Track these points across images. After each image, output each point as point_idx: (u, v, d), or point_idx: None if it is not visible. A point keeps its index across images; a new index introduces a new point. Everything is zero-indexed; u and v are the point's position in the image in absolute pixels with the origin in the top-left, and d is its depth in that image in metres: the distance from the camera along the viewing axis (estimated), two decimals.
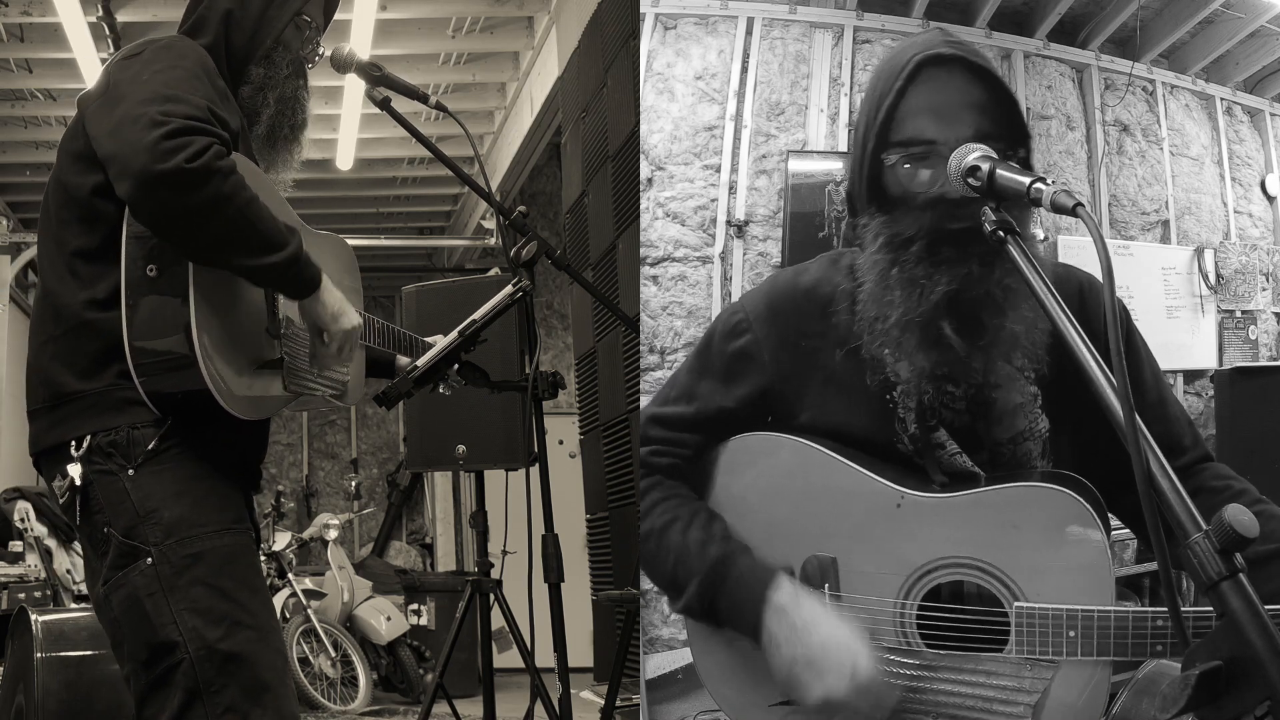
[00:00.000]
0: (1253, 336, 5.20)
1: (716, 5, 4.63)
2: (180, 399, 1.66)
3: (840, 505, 1.69)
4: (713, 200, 4.55)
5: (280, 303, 1.81)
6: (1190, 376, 5.20)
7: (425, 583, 7.62)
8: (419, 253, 9.76)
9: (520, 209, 2.47)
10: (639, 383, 4.35)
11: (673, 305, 4.49)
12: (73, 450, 1.69)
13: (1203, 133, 5.37)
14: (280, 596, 6.37)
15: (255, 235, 1.62)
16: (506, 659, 4.08)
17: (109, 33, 5.47)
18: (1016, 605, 1.58)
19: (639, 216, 4.39)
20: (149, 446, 1.68)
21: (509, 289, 2.36)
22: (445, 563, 9.23)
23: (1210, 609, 1.11)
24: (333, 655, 6.29)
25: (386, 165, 7.88)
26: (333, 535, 6.84)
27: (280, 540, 6.55)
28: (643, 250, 4.42)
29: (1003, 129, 1.65)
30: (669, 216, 4.53)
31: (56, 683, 3.13)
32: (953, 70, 1.64)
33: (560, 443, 7.49)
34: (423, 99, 2.30)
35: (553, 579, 2.54)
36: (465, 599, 3.26)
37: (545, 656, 2.60)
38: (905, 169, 1.64)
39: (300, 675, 6.05)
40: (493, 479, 3.45)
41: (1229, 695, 1.08)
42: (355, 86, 6.10)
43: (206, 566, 1.67)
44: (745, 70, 4.63)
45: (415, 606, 7.36)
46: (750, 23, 4.66)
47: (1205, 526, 1.12)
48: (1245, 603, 1.08)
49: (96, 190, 1.68)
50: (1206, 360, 5.19)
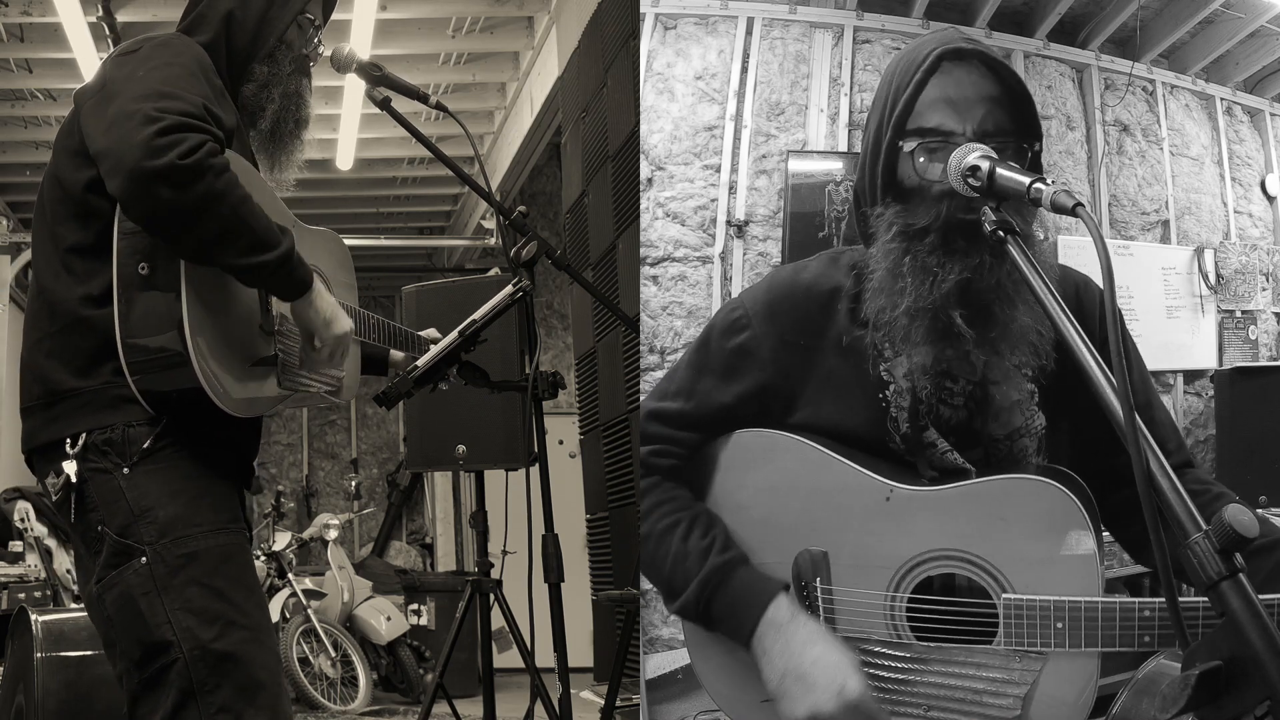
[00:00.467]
0: (1253, 336, 5.20)
1: (716, 5, 4.62)
2: (174, 397, 1.65)
3: (831, 500, 1.71)
4: (713, 200, 4.55)
5: (274, 300, 1.81)
6: (1190, 376, 5.20)
7: (425, 583, 7.62)
8: (419, 253, 9.76)
9: (520, 209, 2.47)
10: (639, 383, 4.35)
11: (673, 305, 4.49)
12: (68, 447, 1.68)
13: (1203, 133, 5.37)
14: (280, 596, 6.37)
15: (247, 234, 1.62)
16: (506, 659, 4.08)
17: (109, 33, 5.47)
18: (1004, 597, 1.59)
19: (639, 216, 4.39)
20: (144, 445, 1.67)
21: (509, 289, 2.36)
22: (445, 563, 9.24)
23: (1204, 599, 1.12)
24: (333, 655, 6.29)
25: (386, 165, 7.88)
26: (333, 535, 6.84)
27: (280, 540, 6.55)
28: (643, 250, 4.42)
29: (1017, 124, 1.67)
30: (669, 216, 4.53)
31: (56, 683, 3.13)
32: (971, 65, 1.66)
33: (560, 443, 7.50)
34: (423, 99, 2.30)
35: (553, 579, 2.54)
36: (465, 599, 3.25)
37: (545, 656, 2.60)
38: (921, 160, 1.65)
39: (300, 675, 6.05)
40: (493, 479, 3.45)
41: (1229, 695, 1.08)
42: (355, 86, 6.10)
43: (201, 566, 1.67)
44: (745, 70, 4.63)
45: (415, 606, 7.36)
46: (750, 23, 4.66)
47: (1205, 526, 1.13)
48: (1245, 603, 1.08)
49: (90, 186, 1.67)
50: (1206, 360, 5.19)
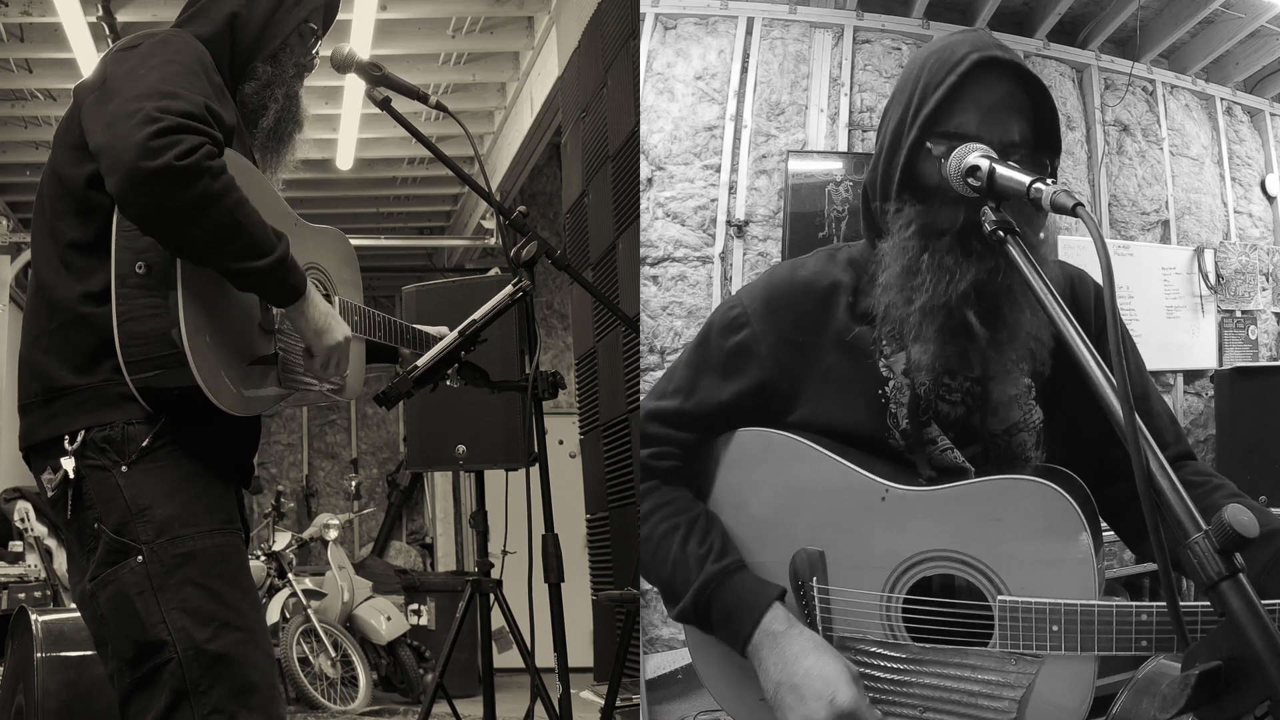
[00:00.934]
0: (1253, 336, 5.20)
1: (716, 5, 4.63)
2: (173, 395, 1.65)
3: (828, 499, 1.71)
4: (713, 200, 4.55)
5: None
6: (1190, 376, 5.20)
7: (425, 583, 7.62)
8: (419, 253, 9.76)
9: (520, 209, 2.47)
10: (639, 383, 4.35)
11: (673, 305, 4.49)
12: (66, 444, 1.68)
13: (1203, 133, 5.37)
14: (280, 596, 6.37)
15: (241, 237, 1.61)
16: (506, 659, 4.08)
17: (109, 33, 5.47)
18: (1000, 599, 1.59)
19: (639, 216, 4.39)
20: (143, 444, 1.67)
21: (509, 289, 2.36)
22: (445, 563, 9.24)
23: (1206, 603, 1.12)
24: (333, 655, 6.29)
25: (386, 165, 7.88)
26: (333, 535, 6.84)
27: (280, 540, 6.55)
28: (643, 250, 4.42)
29: (1040, 137, 1.67)
30: (669, 216, 4.53)
31: (56, 683, 3.13)
32: (1006, 74, 1.66)
33: (560, 443, 7.49)
34: (423, 99, 2.30)
35: (553, 579, 2.54)
36: (465, 599, 3.25)
37: (545, 656, 2.60)
38: (947, 162, 1.64)
39: (300, 675, 6.05)
40: (493, 479, 3.45)
41: (1229, 695, 1.08)
42: (355, 86, 6.10)
43: (197, 566, 1.67)
44: (745, 70, 4.63)
45: (415, 606, 7.36)
46: (750, 23, 4.66)
47: (1205, 526, 1.13)
48: (1245, 603, 1.08)
49: (90, 181, 1.67)
50: (1206, 360, 5.19)
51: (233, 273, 1.65)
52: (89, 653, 3.17)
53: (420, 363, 2.24)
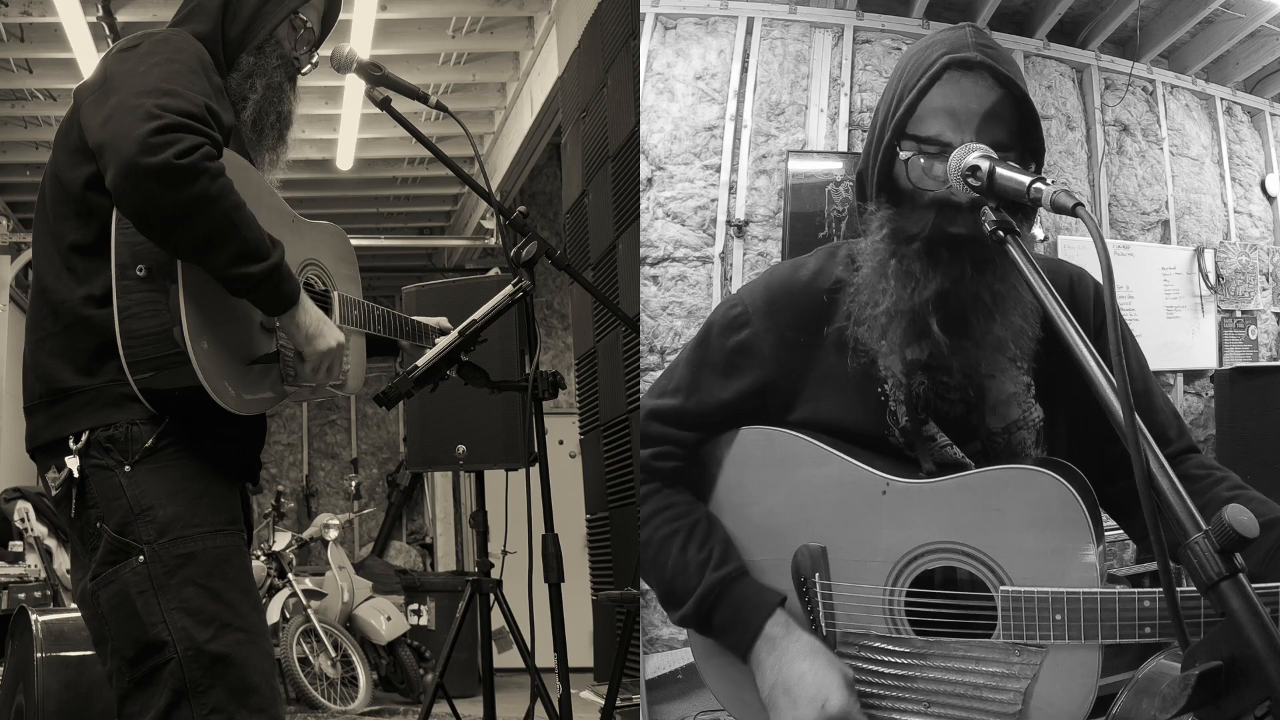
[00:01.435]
0: (1253, 336, 5.20)
1: (716, 5, 4.63)
2: (176, 395, 1.65)
3: (829, 494, 1.71)
4: (713, 200, 4.55)
5: None
6: (1190, 376, 5.20)
7: (425, 583, 7.62)
8: (419, 253, 9.76)
9: (520, 209, 2.47)
10: (639, 383, 4.35)
11: (673, 305, 4.49)
12: (70, 444, 1.69)
13: (1203, 133, 5.37)
14: (280, 596, 6.37)
15: (236, 241, 1.61)
16: (506, 659, 4.08)
17: (109, 33, 5.47)
18: (1002, 589, 1.58)
19: (639, 216, 4.39)
20: (146, 444, 1.67)
21: (509, 289, 2.36)
22: (445, 563, 9.24)
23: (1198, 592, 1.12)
24: (333, 655, 6.29)
25: (386, 165, 7.88)
26: (333, 535, 6.84)
27: (280, 540, 6.55)
28: (643, 250, 4.42)
29: (1017, 140, 1.65)
30: (669, 216, 4.53)
31: (56, 683, 3.14)
32: (979, 76, 1.63)
33: (560, 443, 7.50)
34: (423, 99, 2.30)
35: (553, 579, 2.54)
36: (465, 599, 3.25)
37: (545, 656, 2.60)
38: (918, 166, 1.64)
39: (300, 675, 6.05)
40: (493, 479, 3.45)
41: (1229, 695, 1.08)
42: (355, 86, 6.10)
43: (198, 567, 1.67)
44: (745, 70, 4.63)
45: (415, 606, 7.36)
46: (750, 23, 4.66)
47: (1205, 526, 1.13)
48: (1245, 603, 1.08)
49: (90, 183, 1.67)
50: (1206, 360, 5.19)
51: (226, 276, 1.65)
52: (89, 653, 3.17)
53: (420, 363, 2.24)
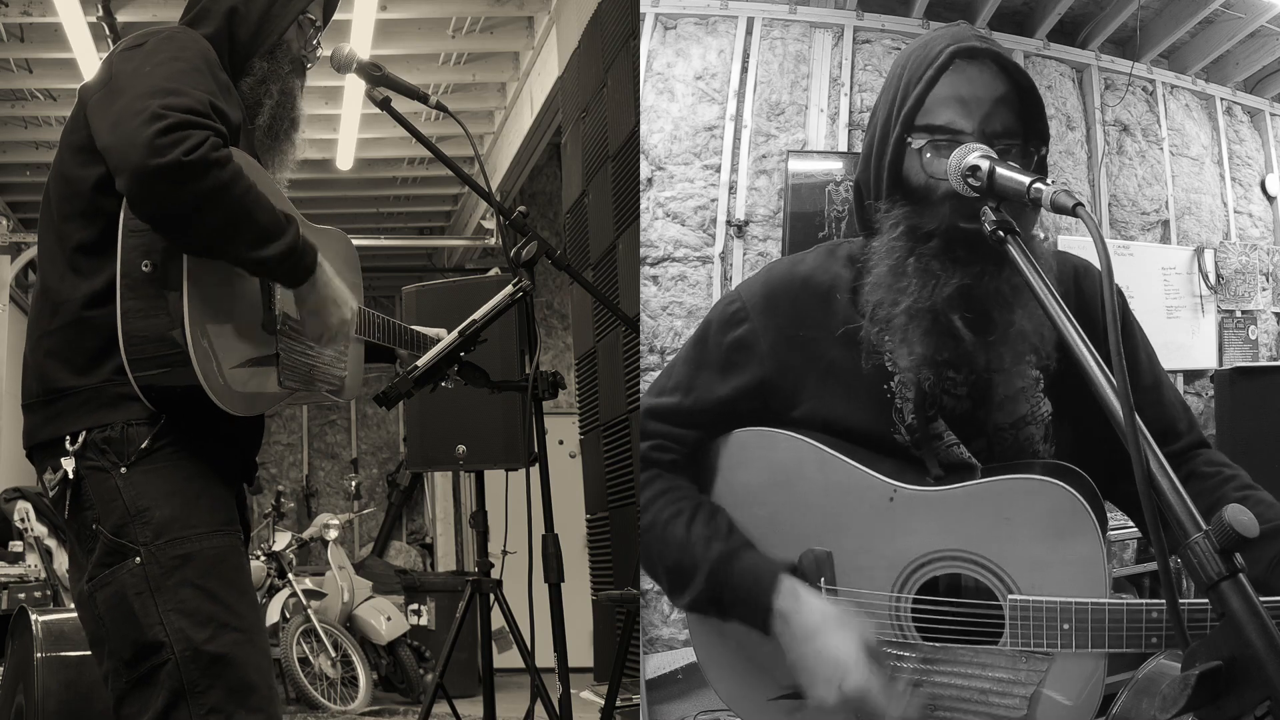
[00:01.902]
0: (1253, 336, 5.20)
1: (716, 5, 4.63)
2: (175, 394, 1.65)
3: (835, 500, 1.70)
4: (713, 200, 4.55)
5: (276, 298, 1.81)
6: (1190, 376, 5.20)
7: (425, 583, 7.62)
8: (419, 253, 9.76)
9: (520, 209, 2.47)
10: (639, 383, 4.35)
11: (673, 305, 4.49)
12: (67, 445, 1.69)
13: (1203, 133, 5.37)
14: (280, 596, 6.37)
15: (253, 225, 1.62)
16: (506, 659, 4.08)
17: (109, 33, 5.47)
18: (1010, 598, 1.58)
19: (639, 216, 4.39)
20: (143, 445, 1.67)
21: (509, 289, 2.36)
22: (445, 563, 9.24)
23: (1207, 601, 1.12)
24: (333, 655, 6.29)
25: (386, 165, 7.88)
26: (333, 535, 6.84)
27: (280, 540, 6.55)
28: (643, 250, 4.42)
29: (1025, 126, 1.67)
30: (669, 216, 4.53)
31: (56, 683, 3.13)
32: (984, 64, 1.65)
33: (560, 443, 7.49)
34: (423, 99, 2.30)
35: (553, 579, 2.54)
36: (465, 599, 3.25)
37: (545, 656, 2.60)
38: (929, 156, 1.65)
39: (300, 675, 6.05)
40: (493, 479, 3.45)
41: (1229, 695, 1.08)
42: (355, 86, 6.10)
43: (195, 568, 1.67)
44: (745, 70, 4.63)
45: (415, 606, 7.36)
46: (750, 23, 4.66)
47: (1205, 526, 1.13)
48: (1245, 603, 1.08)
49: (99, 184, 1.67)
50: (1206, 360, 5.19)
51: (245, 261, 1.66)
52: (89, 653, 3.16)
53: (420, 363, 2.24)
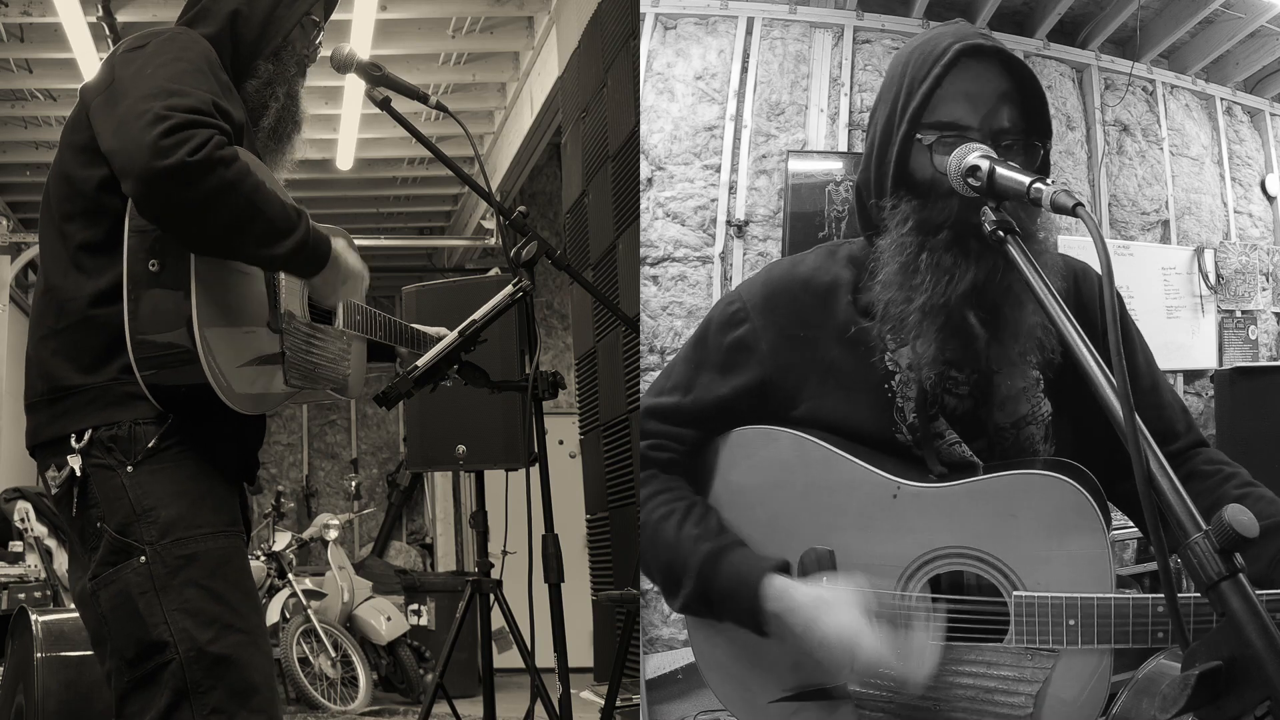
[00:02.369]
0: (1253, 336, 5.20)
1: (716, 5, 4.63)
2: (182, 393, 1.65)
3: (837, 498, 1.70)
4: (713, 200, 4.55)
5: (281, 297, 1.81)
6: (1190, 376, 5.20)
7: (425, 583, 7.62)
8: (419, 253, 9.76)
9: (520, 209, 2.47)
10: (639, 383, 4.35)
11: (673, 305, 4.50)
12: (73, 443, 1.69)
13: (1203, 133, 5.38)
14: (280, 596, 6.37)
15: (261, 221, 1.62)
16: (506, 659, 4.08)
17: (109, 33, 5.47)
18: (1015, 595, 1.58)
19: (639, 216, 4.39)
20: (149, 444, 1.67)
21: (509, 289, 2.36)
22: (445, 563, 9.24)
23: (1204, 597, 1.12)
24: (333, 655, 6.29)
25: (386, 165, 7.88)
26: (333, 535, 6.84)
27: (280, 540, 6.55)
28: (643, 250, 4.42)
29: (1030, 122, 1.68)
30: (669, 216, 4.53)
31: (56, 683, 3.13)
32: (990, 61, 1.66)
33: (560, 443, 7.49)
34: (423, 99, 2.30)
35: (553, 579, 2.54)
36: (465, 599, 3.25)
37: (545, 656, 2.60)
38: (938, 154, 1.65)
39: (300, 675, 6.05)
40: (493, 479, 3.45)
41: (1229, 695, 1.08)
42: (355, 86, 6.10)
43: (200, 568, 1.67)
44: (745, 70, 4.63)
45: (415, 606, 7.36)
46: (750, 23, 4.66)
47: (1205, 526, 1.13)
48: (1245, 603, 1.08)
49: (103, 185, 1.67)
50: (1206, 360, 5.19)
51: (259, 258, 1.67)
52: (89, 653, 3.15)
53: (420, 363, 2.24)
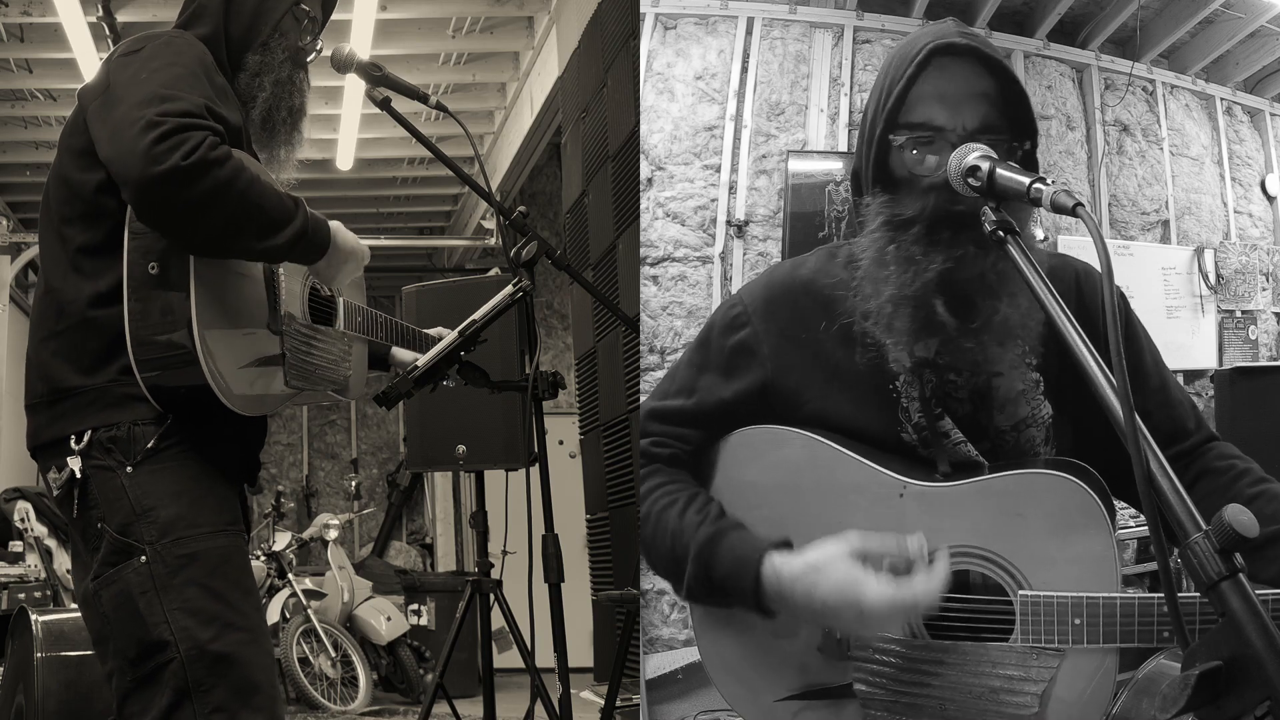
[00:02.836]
0: (1253, 336, 5.20)
1: (716, 5, 4.63)
2: (182, 394, 1.66)
3: (844, 497, 1.70)
4: (713, 200, 4.55)
5: (281, 298, 1.81)
6: (1190, 376, 5.20)
7: (425, 583, 7.62)
8: (419, 253, 9.76)
9: (520, 209, 2.47)
10: (639, 383, 4.35)
11: (673, 305, 4.49)
12: (73, 444, 1.69)
13: (1203, 133, 5.37)
14: (280, 596, 6.37)
15: (261, 216, 1.63)
16: (506, 659, 4.08)
17: (109, 33, 5.47)
18: (1021, 594, 1.58)
19: (639, 216, 4.39)
20: (149, 444, 1.68)
21: (509, 289, 2.36)
22: (445, 563, 9.23)
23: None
24: (333, 655, 6.29)
25: (386, 165, 7.88)
26: (333, 535, 6.84)
27: (280, 540, 6.55)
28: (643, 250, 4.42)
29: (1009, 122, 1.67)
30: (669, 216, 4.53)
31: (56, 683, 3.13)
32: (965, 60, 1.66)
33: (560, 443, 7.49)
34: (423, 99, 2.30)
35: (553, 579, 2.54)
36: (465, 599, 3.25)
37: (545, 656, 2.60)
38: (912, 153, 1.66)
39: (300, 675, 6.05)
40: (493, 479, 3.45)
41: (1229, 695, 1.08)
42: (355, 86, 6.10)
43: (200, 567, 1.67)
44: (745, 70, 4.63)
45: (415, 606, 7.36)
46: (750, 23, 4.66)
47: (1205, 526, 1.13)
48: (1245, 603, 1.08)
49: (101, 188, 1.68)
50: (1206, 360, 5.19)
51: (259, 252, 1.68)
52: (89, 653, 3.16)
53: (420, 362, 2.24)
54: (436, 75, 6.65)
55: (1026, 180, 1.44)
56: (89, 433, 1.68)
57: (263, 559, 6.43)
